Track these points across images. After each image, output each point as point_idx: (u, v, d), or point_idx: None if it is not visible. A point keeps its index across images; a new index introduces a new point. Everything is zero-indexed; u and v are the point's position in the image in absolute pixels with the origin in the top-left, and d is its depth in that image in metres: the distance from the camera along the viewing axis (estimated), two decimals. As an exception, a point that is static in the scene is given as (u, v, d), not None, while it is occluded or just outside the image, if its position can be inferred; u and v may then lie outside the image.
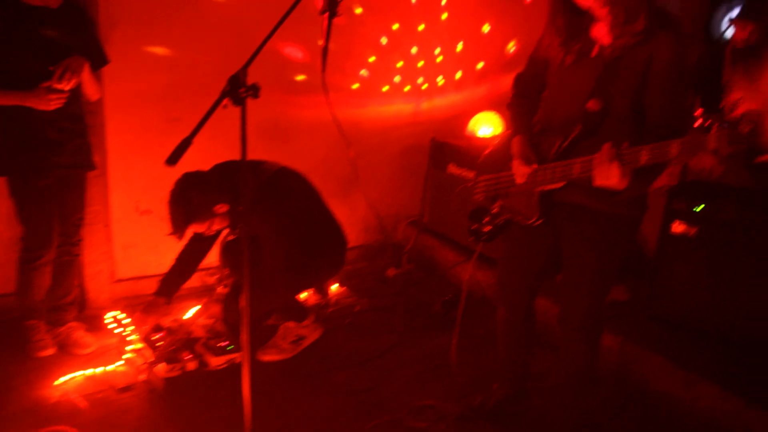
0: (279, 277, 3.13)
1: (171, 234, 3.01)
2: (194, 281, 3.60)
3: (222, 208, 3.03)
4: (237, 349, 3.10)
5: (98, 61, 3.08)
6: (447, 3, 4.47)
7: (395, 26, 4.35)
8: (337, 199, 3.79)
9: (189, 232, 3.08)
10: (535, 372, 2.76)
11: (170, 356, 3.00)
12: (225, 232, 3.35)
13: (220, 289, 3.73)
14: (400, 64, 4.45)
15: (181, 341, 3.12)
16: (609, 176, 1.89)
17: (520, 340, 2.64)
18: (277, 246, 3.12)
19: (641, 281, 3.56)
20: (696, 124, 4.06)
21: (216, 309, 3.40)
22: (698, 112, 3.94)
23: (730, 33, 4.40)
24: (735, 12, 4.56)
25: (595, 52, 2.12)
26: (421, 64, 4.54)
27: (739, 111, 3.61)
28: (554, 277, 2.60)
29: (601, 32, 2.08)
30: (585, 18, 2.11)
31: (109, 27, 3.37)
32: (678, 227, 3.21)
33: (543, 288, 2.56)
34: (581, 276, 2.28)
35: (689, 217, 3.17)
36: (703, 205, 3.14)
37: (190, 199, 2.98)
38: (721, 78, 4.30)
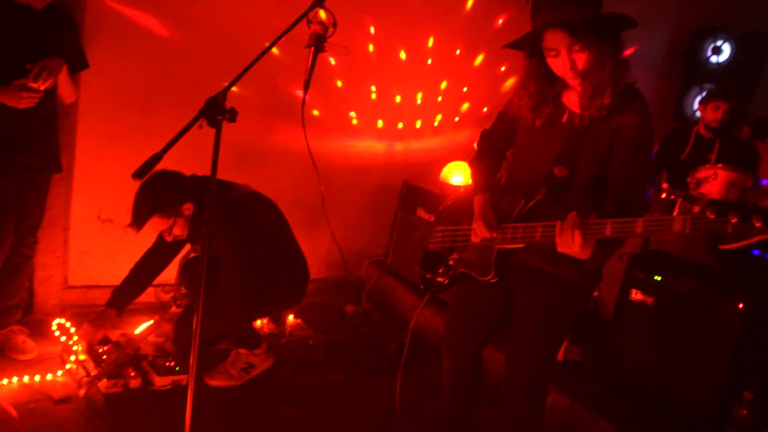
0: (236, 301, 3.08)
1: (130, 225, 2.91)
2: (148, 296, 3.54)
3: (188, 209, 2.98)
4: (184, 371, 3.04)
5: (78, 64, 3.06)
6: (433, 46, 4.56)
7: (375, 61, 4.42)
8: (303, 229, 3.78)
9: (149, 228, 2.98)
10: (482, 427, 2.74)
11: (114, 371, 2.92)
12: (185, 249, 3.31)
13: (174, 309, 3.66)
14: (374, 96, 4.50)
15: (127, 357, 3.04)
16: (571, 244, 1.91)
17: (464, 394, 2.60)
18: (238, 269, 3.08)
19: (597, 344, 3.60)
20: (662, 196, 4.18)
21: (167, 328, 3.32)
22: (664, 185, 4.08)
23: (698, 112, 4.57)
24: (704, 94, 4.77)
25: (565, 117, 2.15)
26: (398, 100, 4.60)
27: (703, 191, 3.73)
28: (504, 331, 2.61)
29: (572, 100, 2.13)
30: (558, 83, 2.15)
31: (93, 33, 3.36)
32: (636, 295, 3.27)
33: (495, 341, 2.56)
34: (528, 338, 2.28)
35: (648, 286, 3.23)
36: (660, 277, 3.20)
37: (160, 190, 2.91)
38: (686, 155, 4.46)
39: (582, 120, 2.08)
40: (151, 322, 3.44)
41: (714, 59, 5.11)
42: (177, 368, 3.04)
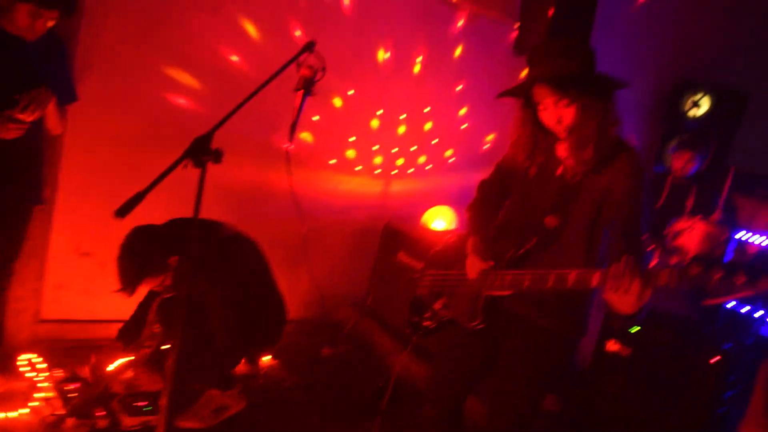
0: (217, 345, 3.05)
1: (121, 290, 2.90)
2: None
3: (176, 260, 2.97)
4: (154, 411, 2.96)
5: (67, 96, 3.05)
6: (430, 93, 4.63)
7: (377, 116, 4.47)
8: (283, 268, 3.75)
9: (142, 288, 2.98)
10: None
11: (82, 411, 2.84)
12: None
13: (143, 350, 3.57)
14: (363, 142, 4.54)
15: (97, 395, 2.97)
16: (628, 293, 1.78)
17: None
18: (219, 311, 3.05)
19: (574, 393, 3.58)
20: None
21: (139, 369, 3.26)
22: (644, 236, 4.12)
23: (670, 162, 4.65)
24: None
25: (559, 170, 2.19)
26: (379, 141, 4.65)
27: (680, 243, 3.77)
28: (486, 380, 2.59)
29: (564, 153, 2.17)
30: (550, 134, 2.18)
31: (85, 66, 3.36)
32: (613, 346, 3.27)
33: (476, 389, 2.54)
34: (512, 387, 2.27)
35: (624, 337, 3.24)
36: (638, 327, 3.21)
37: (142, 251, 2.90)
38: (661, 203, 4.50)
39: (575, 174, 2.12)
40: (124, 360, 3.37)
41: (692, 112, 5.23)
42: (147, 408, 2.97)
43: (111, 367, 3.32)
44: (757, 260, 3.81)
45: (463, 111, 4.84)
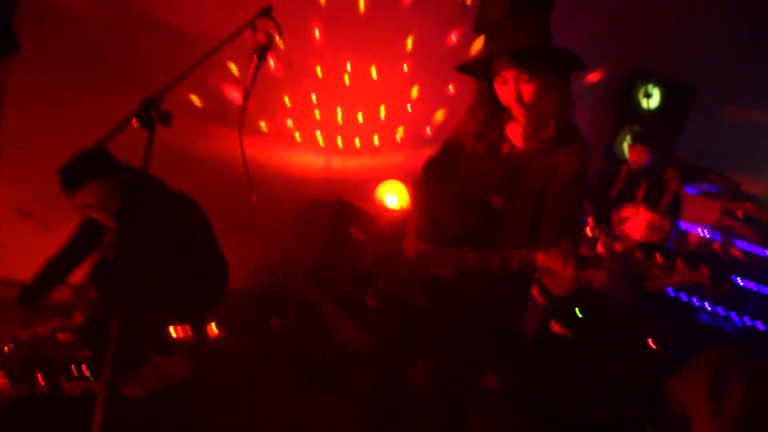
0: (152, 297, 2.99)
1: (62, 189, 2.69)
2: (64, 294, 3.39)
3: (125, 178, 2.84)
4: (96, 377, 2.91)
5: (4, 45, 2.89)
6: (378, 70, 4.60)
7: (323, 80, 4.42)
8: (233, 237, 3.71)
9: (82, 197, 2.78)
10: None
11: (17, 374, 2.77)
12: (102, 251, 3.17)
13: (77, 316, 3.48)
14: (320, 118, 4.51)
15: (34, 358, 2.90)
16: (562, 273, 1.85)
17: (385, 413, 2.60)
18: (160, 265, 2.99)
19: (515, 372, 3.66)
20: (586, 232, 4.31)
21: (75, 333, 3.19)
22: (590, 221, 4.22)
23: (627, 153, 4.77)
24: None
25: (506, 149, 2.19)
26: (342, 122, 4.61)
27: (624, 228, 3.88)
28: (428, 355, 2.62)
29: (515, 133, 2.17)
30: (502, 113, 2.17)
31: (26, 14, 3.22)
32: (556, 327, 3.35)
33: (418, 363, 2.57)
34: (452, 362, 2.29)
35: (567, 320, 3.32)
36: (578, 311, 3.30)
37: (102, 156, 2.76)
38: (616, 191, 4.62)
39: (523, 153, 2.12)
40: (62, 323, 3.29)
41: (644, 103, 5.35)
42: (88, 374, 2.92)
43: (49, 330, 3.25)
44: (698, 249, 3.94)
45: (414, 89, 4.83)
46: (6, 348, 2.91)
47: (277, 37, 2.10)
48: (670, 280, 1.67)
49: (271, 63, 3.98)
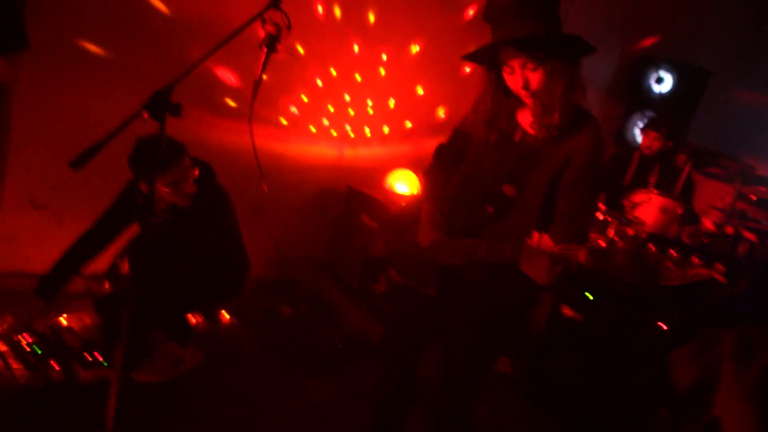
0: (179, 291, 3.03)
1: (150, 165, 2.65)
2: (78, 286, 3.42)
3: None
4: (110, 364, 2.95)
5: (15, 42, 2.90)
6: (387, 60, 4.58)
7: (333, 72, 4.41)
8: (242, 226, 3.74)
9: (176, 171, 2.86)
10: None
11: (33, 362, 2.81)
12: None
13: (106, 286, 3.45)
14: (331, 108, 4.51)
15: (50, 347, 2.94)
16: (539, 267, 1.92)
17: (397, 402, 2.60)
18: (200, 258, 3.04)
19: (526, 356, 3.67)
20: (599, 217, 4.29)
21: (93, 317, 3.22)
22: (602, 207, 4.20)
23: (640, 138, 4.75)
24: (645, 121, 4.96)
25: (518, 136, 2.17)
26: (352, 112, 4.61)
27: (637, 214, 3.86)
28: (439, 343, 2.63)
29: (526, 120, 2.15)
30: (512, 100, 2.15)
31: (35, 9, 3.23)
32: (567, 311, 3.35)
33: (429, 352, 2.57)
34: (462, 353, 2.29)
35: (578, 304, 3.32)
36: (589, 295, 3.29)
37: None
38: (629, 179, 4.61)
39: (535, 141, 2.10)
40: (79, 312, 3.33)
41: (656, 88, 5.31)
42: (103, 361, 2.96)
43: (63, 319, 3.29)
44: (712, 243, 3.91)
45: (422, 79, 4.82)
46: (21, 337, 2.95)
47: (286, 29, 2.10)
48: (685, 275, 1.66)
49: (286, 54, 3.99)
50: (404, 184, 4.50)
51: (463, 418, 2.38)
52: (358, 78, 4.54)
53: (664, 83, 5.28)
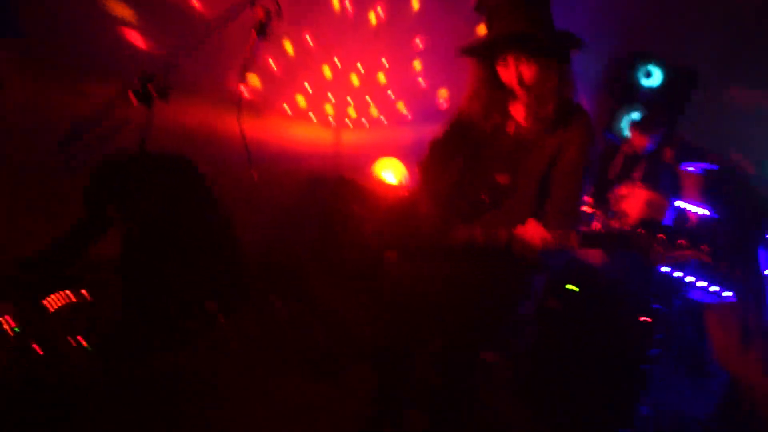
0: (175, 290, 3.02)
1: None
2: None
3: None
4: (96, 349, 2.92)
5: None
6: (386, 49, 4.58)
7: (338, 63, 4.40)
8: (233, 214, 3.73)
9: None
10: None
11: (16, 348, 2.79)
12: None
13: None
14: (307, 89, 4.50)
15: (35, 332, 2.91)
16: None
17: (388, 395, 2.60)
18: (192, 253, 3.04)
19: (513, 346, 3.68)
20: (583, 209, 4.32)
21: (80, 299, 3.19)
22: (589, 200, 4.23)
23: (628, 134, 4.76)
24: (634, 115, 4.96)
25: (512, 128, 2.21)
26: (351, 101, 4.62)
27: (622, 207, 3.89)
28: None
29: (519, 112, 2.19)
30: (506, 93, 2.20)
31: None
32: (551, 302, 3.38)
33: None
34: (454, 344, 2.31)
35: (563, 295, 3.34)
36: (573, 286, 3.32)
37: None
38: (615, 174, 4.63)
39: (529, 132, 2.15)
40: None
41: (645, 82, 5.33)
42: (88, 348, 2.94)
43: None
44: (699, 227, 3.95)
45: (418, 65, 4.82)
46: (3, 320, 2.93)
47: (276, 15, 2.10)
48: (672, 256, 1.71)
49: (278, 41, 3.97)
50: (390, 172, 4.51)
51: (458, 417, 2.39)
52: (361, 69, 4.54)
53: (652, 77, 5.30)
